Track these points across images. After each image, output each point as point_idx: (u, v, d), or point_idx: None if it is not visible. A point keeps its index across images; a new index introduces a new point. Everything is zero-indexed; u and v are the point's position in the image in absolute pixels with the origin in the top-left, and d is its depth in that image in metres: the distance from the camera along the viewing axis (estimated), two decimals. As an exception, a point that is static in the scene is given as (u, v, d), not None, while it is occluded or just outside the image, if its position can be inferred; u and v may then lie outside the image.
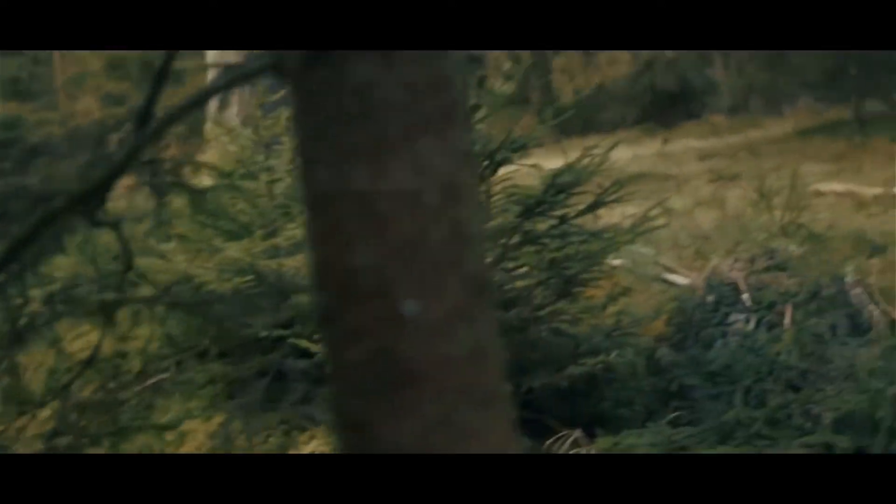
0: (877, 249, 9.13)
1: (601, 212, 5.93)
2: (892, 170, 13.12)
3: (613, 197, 5.54)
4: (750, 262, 6.14)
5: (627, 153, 17.62)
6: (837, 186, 12.16)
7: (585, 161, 5.51)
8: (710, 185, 13.00)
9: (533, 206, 5.27)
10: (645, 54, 32.76)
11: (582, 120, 33.99)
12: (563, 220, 5.43)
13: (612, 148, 5.62)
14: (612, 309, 6.87)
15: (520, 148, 5.45)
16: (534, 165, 5.46)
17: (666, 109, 32.15)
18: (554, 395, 5.27)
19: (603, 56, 33.73)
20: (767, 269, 6.06)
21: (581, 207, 5.57)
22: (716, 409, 5.12)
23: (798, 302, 5.75)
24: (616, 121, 33.26)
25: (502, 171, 5.44)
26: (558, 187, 5.37)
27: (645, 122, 32.11)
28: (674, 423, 5.06)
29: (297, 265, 6.62)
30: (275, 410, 5.71)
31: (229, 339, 5.80)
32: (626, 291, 6.98)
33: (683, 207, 11.35)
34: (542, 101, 29.11)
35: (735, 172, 13.47)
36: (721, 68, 30.93)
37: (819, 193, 12.04)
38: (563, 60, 32.74)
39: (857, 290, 5.92)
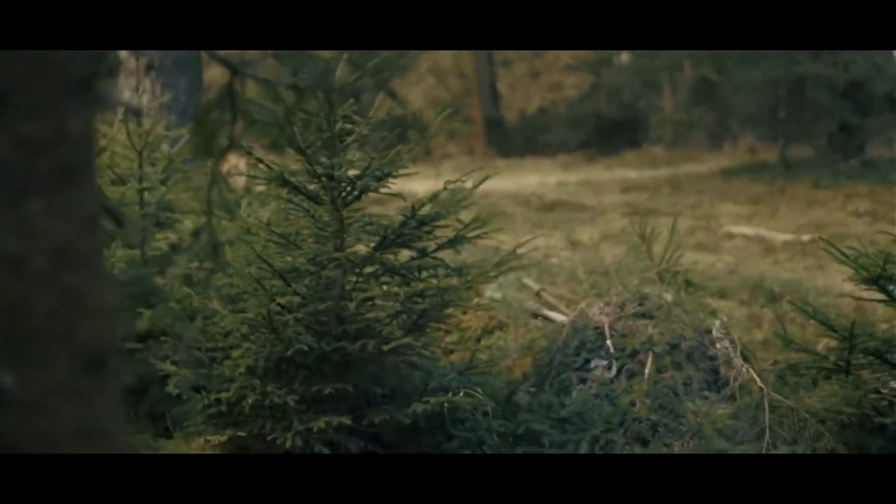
0: (773, 297, 9.10)
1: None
2: (807, 216, 13.17)
3: (476, 232, 5.44)
4: (620, 306, 6.04)
5: (552, 179, 17.62)
6: (748, 230, 12.16)
7: (450, 193, 5.40)
8: (623, 220, 12.96)
9: (391, 238, 5.16)
10: (591, 80, 32.91)
11: (525, 141, 34.13)
12: (422, 253, 5.32)
13: (482, 181, 5.51)
14: (485, 343, 6.80)
15: (385, 176, 5.33)
16: (396, 195, 5.34)
17: (608, 136, 32.25)
18: (402, 432, 5.16)
19: (548, 77, 33.78)
20: (636, 316, 5.97)
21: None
22: (560, 457, 5.04)
23: (660, 352, 5.66)
24: (558, 144, 33.35)
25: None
26: (420, 219, 5.25)
27: (587, 147, 32.18)
28: (517, 469, 4.98)
29: (164, 277, 6.49)
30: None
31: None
32: (501, 326, 6.92)
33: (591, 240, 11.30)
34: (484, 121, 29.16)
35: (652, 207, 13.44)
36: (668, 97, 31.09)
37: (730, 235, 12.06)
38: (509, 78, 32.74)
39: (724, 343, 5.84)
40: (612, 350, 5.77)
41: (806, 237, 11.50)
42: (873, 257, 5.19)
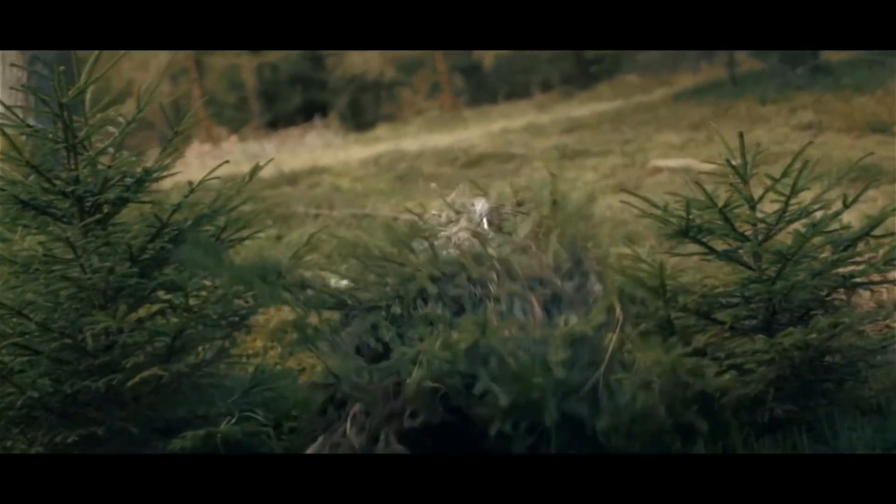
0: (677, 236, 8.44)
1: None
2: (748, 137, 12.48)
3: (248, 232, 4.84)
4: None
5: (497, 127, 16.97)
6: (673, 162, 11.50)
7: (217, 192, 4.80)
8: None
9: (142, 255, 4.55)
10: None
11: (503, 83, 33.49)
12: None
13: (255, 172, 4.89)
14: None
15: (143, 181, 4.72)
16: (151, 202, 4.73)
17: (588, 69, 31.58)
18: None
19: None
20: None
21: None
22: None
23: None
24: (539, 83, 32.70)
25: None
26: (177, 228, 4.65)
27: (568, 83, 31.55)
28: None
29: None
30: None
31: None
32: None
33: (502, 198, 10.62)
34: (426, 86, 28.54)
35: (581, 149, 12.78)
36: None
37: (657, 170, 11.42)
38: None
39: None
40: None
41: (735, 162, 10.83)
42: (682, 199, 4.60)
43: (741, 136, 4.70)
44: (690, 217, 4.52)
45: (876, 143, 11.73)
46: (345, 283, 6.48)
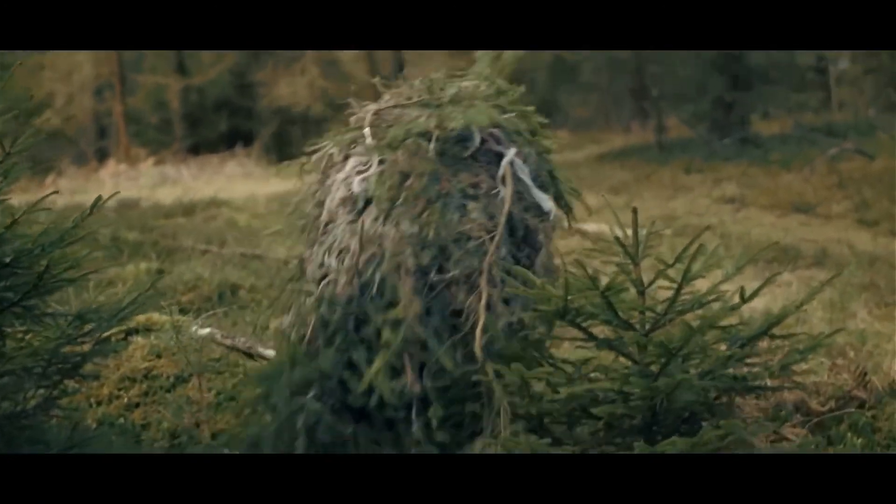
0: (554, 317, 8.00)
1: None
2: (667, 206, 12.15)
3: (82, 273, 4.29)
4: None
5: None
6: (588, 226, 11.04)
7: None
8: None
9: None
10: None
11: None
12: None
13: (96, 205, 4.34)
14: (179, 392, 5.68)
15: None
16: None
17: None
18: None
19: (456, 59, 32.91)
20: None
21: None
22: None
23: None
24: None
25: None
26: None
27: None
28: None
29: None
30: None
31: None
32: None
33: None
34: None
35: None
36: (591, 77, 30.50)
37: (570, 233, 10.96)
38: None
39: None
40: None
41: (643, 231, 10.43)
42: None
43: (634, 212, 4.21)
44: (569, 299, 4.01)
45: (798, 223, 11.40)
46: (206, 331, 5.99)
